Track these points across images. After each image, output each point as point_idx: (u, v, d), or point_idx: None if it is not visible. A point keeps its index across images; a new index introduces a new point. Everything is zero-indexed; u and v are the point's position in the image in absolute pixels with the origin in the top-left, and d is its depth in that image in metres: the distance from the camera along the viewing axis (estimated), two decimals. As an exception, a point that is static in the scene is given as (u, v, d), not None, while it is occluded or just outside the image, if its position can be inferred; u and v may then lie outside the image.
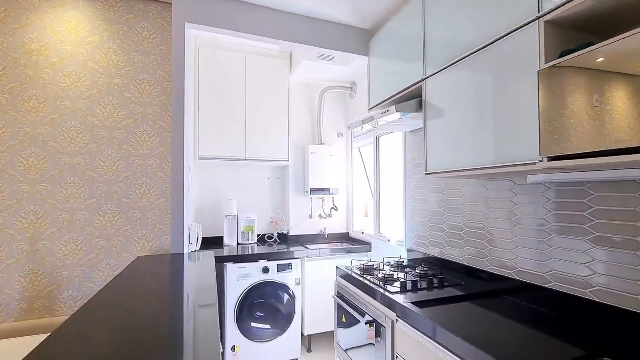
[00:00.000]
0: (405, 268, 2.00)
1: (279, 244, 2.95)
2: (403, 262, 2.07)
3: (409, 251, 2.30)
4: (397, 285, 1.64)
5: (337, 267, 2.06)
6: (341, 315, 1.98)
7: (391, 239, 2.59)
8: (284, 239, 3.10)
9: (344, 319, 1.95)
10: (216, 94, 2.76)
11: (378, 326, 1.56)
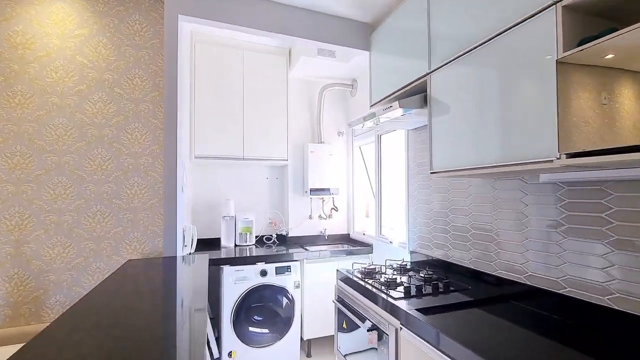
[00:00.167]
0: (408, 271, 1.92)
1: (278, 246, 2.87)
2: (406, 265, 1.99)
3: (412, 253, 2.22)
4: (401, 290, 1.56)
5: (337, 270, 1.98)
6: (341, 320, 1.90)
7: (393, 241, 2.51)
8: (283, 240, 3.03)
9: (345, 325, 1.87)
10: (213, 91, 2.69)
11: (380, 333, 1.48)
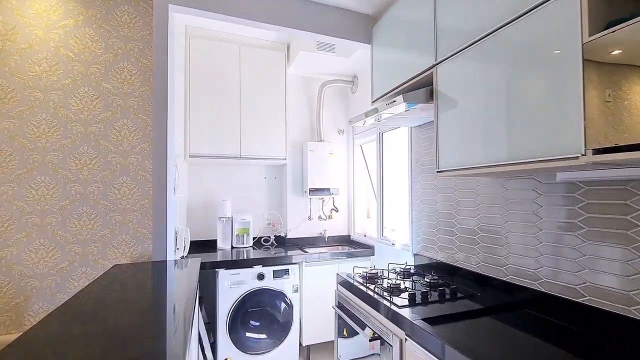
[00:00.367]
0: (412, 276, 1.83)
1: (276, 247, 2.77)
2: (410, 269, 1.89)
3: (415, 255, 2.12)
4: (405, 296, 1.46)
5: (338, 274, 1.89)
6: (342, 327, 1.80)
7: (395, 243, 2.41)
8: (281, 242, 2.93)
9: (345, 332, 1.77)
10: (208, 88, 2.59)
11: (384, 344, 1.38)
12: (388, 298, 1.45)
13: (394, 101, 1.52)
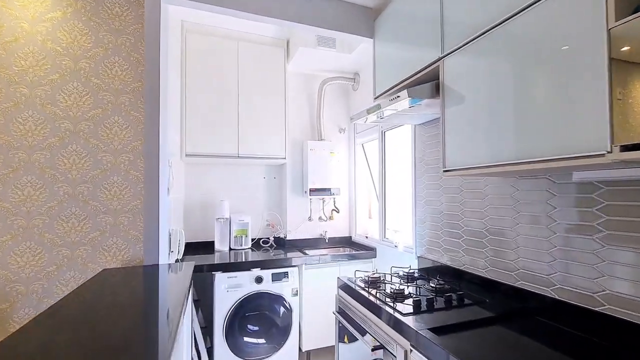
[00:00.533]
0: (416, 280, 1.75)
1: (275, 249, 2.70)
2: (414, 273, 1.81)
3: (419, 258, 2.04)
4: (409, 302, 1.38)
5: (338, 278, 1.81)
6: (343, 334, 1.72)
7: (398, 245, 2.33)
8: (281, 244, 2.85)
9: (346, 339, 1.69)
10: (205, 85, 2.52)
11: (387, 353, 1.30)
12: (391, 305, 1.37)
13: (398, 97, 1.44)
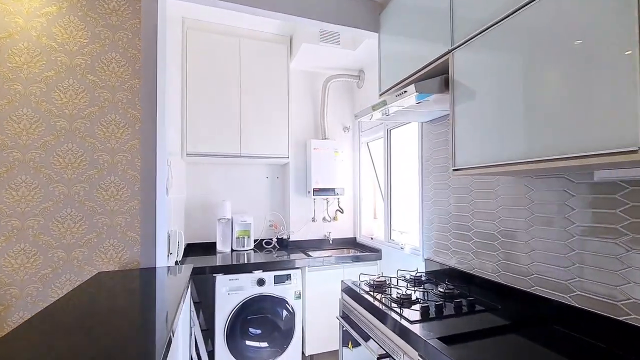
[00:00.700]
0: (423, 284, 1.67)
1: (278, 250, 2.64)
2: (421, 277, 1.74)
3: (426, 260, 1.96)
4: (417, 308, 1.31)
5: (342, 281, 1.74)
6: (347, 339, 1.66)
7: (404, 246, 2.26)
8: (284, 245, 2.80)
9: (350, 345, 1.63)
10: (207, 83, 2.47)
11: (393, 363, 1.23)
12: (398, 311, 1.30)
13: (405, 92, 1.37)
